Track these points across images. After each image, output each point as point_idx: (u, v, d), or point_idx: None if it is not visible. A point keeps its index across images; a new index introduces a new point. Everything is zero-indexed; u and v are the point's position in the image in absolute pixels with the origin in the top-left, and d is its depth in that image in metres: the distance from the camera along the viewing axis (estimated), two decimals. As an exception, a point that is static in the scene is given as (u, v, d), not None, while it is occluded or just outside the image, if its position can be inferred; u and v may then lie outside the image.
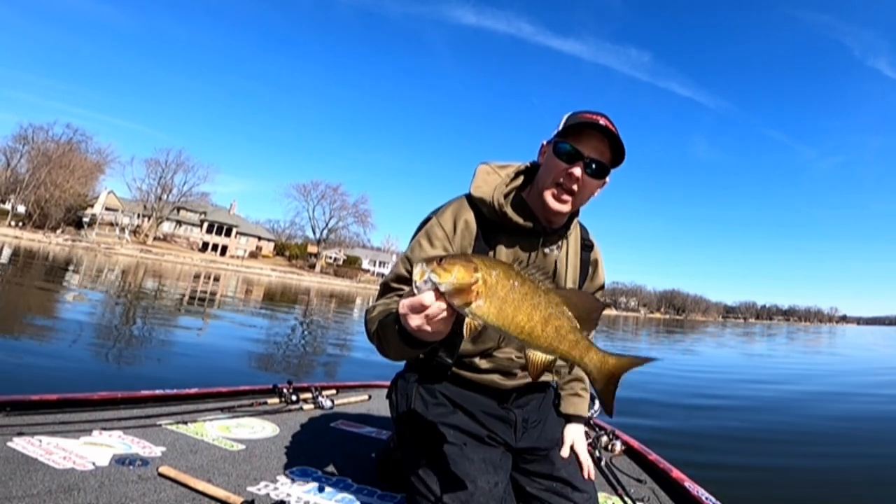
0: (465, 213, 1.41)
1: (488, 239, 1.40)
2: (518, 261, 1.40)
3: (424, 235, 1.40)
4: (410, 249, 1.41)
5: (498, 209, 1.38)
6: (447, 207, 1.44)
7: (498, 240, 1.41)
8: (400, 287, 1.37)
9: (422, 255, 1.35)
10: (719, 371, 9.73)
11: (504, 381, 1.46)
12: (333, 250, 77.42)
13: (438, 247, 1.37)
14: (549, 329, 0.92)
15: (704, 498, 1.83)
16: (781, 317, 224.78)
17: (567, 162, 1.31)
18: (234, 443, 1.91)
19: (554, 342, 0.92)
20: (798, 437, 4.75)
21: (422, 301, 0.93)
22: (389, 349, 1.20)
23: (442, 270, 0.90)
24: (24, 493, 1.31)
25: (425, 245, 1.38)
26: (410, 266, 1.35)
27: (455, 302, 0.91)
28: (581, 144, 1.30)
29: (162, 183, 62.24)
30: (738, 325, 72.24)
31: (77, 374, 4.21)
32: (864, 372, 12.19)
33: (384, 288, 1.40)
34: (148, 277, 20.97)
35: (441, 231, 1.39)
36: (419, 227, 1.46)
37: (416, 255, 1.36)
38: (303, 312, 15.71)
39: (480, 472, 1.33)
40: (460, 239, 1.39)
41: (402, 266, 1.39)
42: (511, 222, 1.39)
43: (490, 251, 1.39)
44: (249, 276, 45.46)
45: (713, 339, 24.04)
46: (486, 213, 1.40)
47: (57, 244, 44.04)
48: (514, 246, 1.41)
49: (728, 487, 3.03)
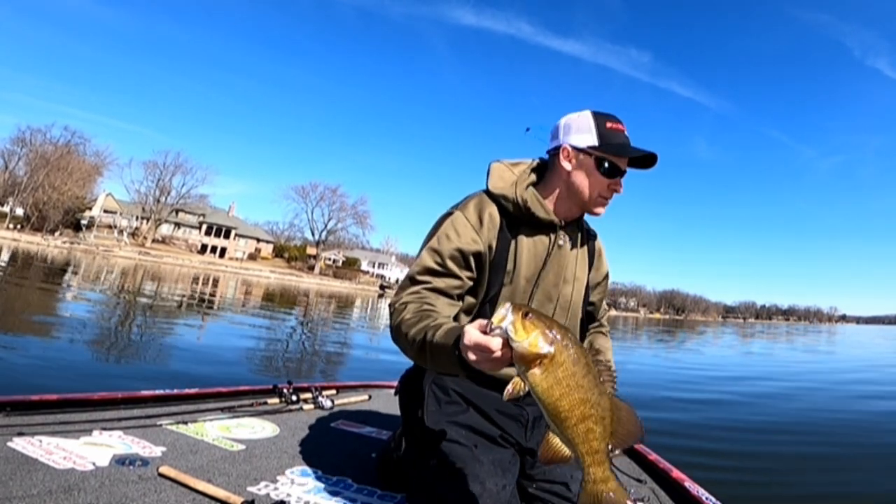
0: (488, 206, 1.43)
1: (511, 231, 1.43)
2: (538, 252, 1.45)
3: (451, 226, 1.40)
4: (437, 240, 1.39)
5: (521, 203, 1.41)
6: (469, 201, 1.46)
7: (519, 232, 1.44)
8: (426, 280, 1.36)
9: (450, 246, 1.37)
10: (716, 369, 9.75)
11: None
12: (332, 252, 77.36)
13: (465, 236, 1.38)
14: (581, 427, 0.90)
15: (704, 498, 1.83)
16: (781, 316, 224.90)
17: (612, 178, 1.40)
18: (235, 443, 1.91)
19: (577, 440, 0.91)
20: (795, 436, 4.76)
21: (489, 345, 0.93)
22: (429, 362, 1.18)
23: (521, 328, 0.90)
24: (24, 493, 1.31)
25: (452, 236, 1.39)
26: (440, 258, 1.36)
27: (517, 360, 0.91)
28: (622, 161, 1.40)
29: (160, 185, 62.25)
30: (737, 325, 72.32)
31: (77, 374, 4.21)
32: (852, 370, 12.20)
33: (410, 280, 1.37)
34: (147, 280, 20.95)
35: (467, 222, 1.40)
36: (441, 220, 1.44)
37: (445, 246, 1.37)
38: (302, 314, 15.70)
39: (489, 474, 1.32)
40: (487, 231, 1.40)
41: (429, 258, 1.37)
42: (533, 216, 1.42)
43: (512, 241, 1.42)
44: (248, 277, 45.43)
45: (713, 339, 24.07)
46: (509, 207, 1.43)
47: (55, 247, 43.98)
48: (534, 238, 1.45)
49: (728, 487, 3.03)
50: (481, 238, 1.39)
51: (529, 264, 1.43)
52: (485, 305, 1.42)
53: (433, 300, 1.34)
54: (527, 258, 1.43)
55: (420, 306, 1.28)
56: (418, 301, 1.31)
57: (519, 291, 1.43)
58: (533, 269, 1.44)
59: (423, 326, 1.19)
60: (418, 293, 1.34)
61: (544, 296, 1.46)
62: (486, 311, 1.41)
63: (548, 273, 1.45)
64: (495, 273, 1.41)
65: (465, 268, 1.38)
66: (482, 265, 1.40)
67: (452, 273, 1.37)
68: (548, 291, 1.47)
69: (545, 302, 1.47)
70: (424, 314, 1.24)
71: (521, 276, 1.42)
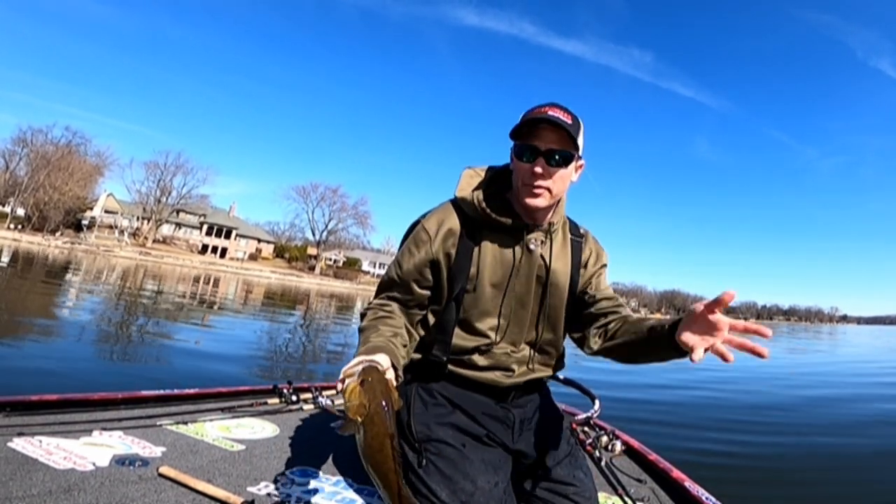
0: (449, 216, 1.45)
1: (473, 238, 1.43)
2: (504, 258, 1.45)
3: (413, 240, 1.47)
4: (401, 253, 1.48)
5: (478, 206, 1.42)
6: (433, 212, 1.48)
7: (482, 239, 1.44)
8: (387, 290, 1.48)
9: (408, 263, 1.44)
10: (716, 369, 9.74)
11: (503, 379, 1.47)
12: (333, 252, 77.36)
13: (422, 250, 1.43)
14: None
15: (705, 498, 1.83)
16: (782, 316, 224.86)
17: (528, 161, 1.35)
18: (234, 443, 1.91)
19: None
20: (796, 435, 4.76)
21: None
22: None
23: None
24: (24, 494, 1.31)
25: (413, 250, 1.45)
26: (399, 274, 1.46)
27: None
28: (537, 139, 1.34)
29: (161, 185, 62.27)
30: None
31: (77, 374, 4.22)
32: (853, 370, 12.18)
33: (378, 288, 1.51)
34: (147, 280, 20.96)
35: (426, 235, 1.44)
36: (407, 232, 1.53)
37: (405, 261, 1.46)
38: (303, 314, 15.70)
39: (480, 471, 1.33)
40: (444, 240, 1.43)
41: (392, 271, 1.48)
42: (493, 220, 1.42)
43: (475, 248, 1.43)
44: (249, 277, 45.44)
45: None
46: (470, 213, 1.44)
47: (56, 247, 44.01)
48: (498, 242, 1.45)
49: (728, 487, 3.03)
50: (439, 249, 1.42)
51: (496, 270, 1.43)
52: (450, 303, 1.45)
53: (391, 308, 1.44)
54: (491, 263, 1.43)
55: (376, 313, 1.41)
56: (378, 308, 1.44)
57: (486, 297, 1.43)
58: (501, 275, 1.43)
59: (364, 337, 1.33)
60: (381, 300, 1.47)
61: (517, 302, 1.46)
62: (451, 308, 1.45)
63: (519, 279, 1.44)
64: (455, 279, 1.43)
65: (421, 279, 1.45)
66: (439, 273, 1.44)
67: (408, 288, 1.46)
68: (521, 297, 1.46)
69: (518, 309, 1.46)
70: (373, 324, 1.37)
71: (486, 281, 1.42)
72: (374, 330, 1.34)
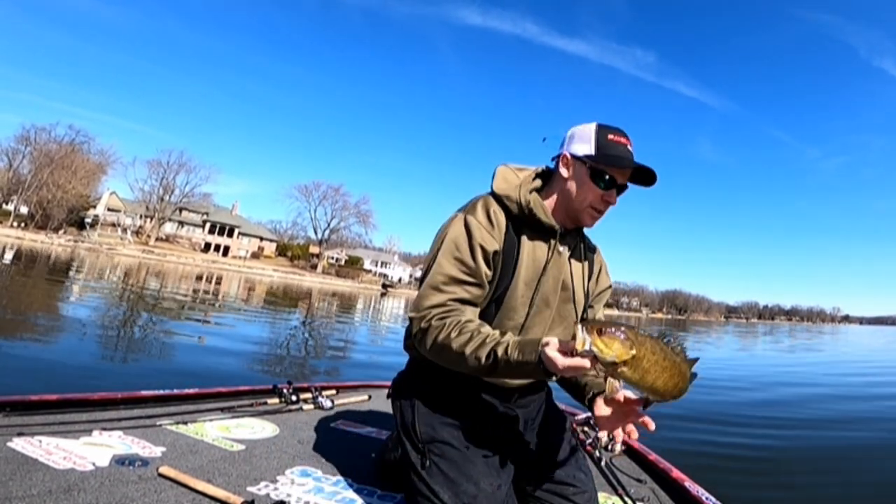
0: (494, 207, 1.43)
1: (515, 233, 1.43)
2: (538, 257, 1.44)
3: (464, 230, 1.38)
4: (455, 245, 1.37)
5: (525, 205, 1.42)
6: (476, 203, 1.44)
7: (521, 235, 1.43)
8: (451, 291, 1.35)
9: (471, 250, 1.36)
10: (716, 369, 9.72)
11: (507, 380, 1.46)
12: (335, 251, 77.44)
13: (482, 237, 1.37)
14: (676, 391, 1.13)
15: (705, 498, 1.83)
16: (784, 317, 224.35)
17: (606, 189, 1.39)
18: (234, 443, 1.91)
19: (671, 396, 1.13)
20: (797, 435, 4.75)
21: (582, 366, 1.06)
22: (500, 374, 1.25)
23: (603, 345, 1.04)
24: (24, 494, 1.31)
25: (473, 238, 1.37)
26: (464, 265, 1.35)
27: (608, 367, 1.06)
28: (617, 173, 1.38)
29: (164, 184, 62.38)
30: (739, 325, 72.13)
31: (77, 374, 4.22)
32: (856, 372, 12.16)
33: (434, 290, 1.35)
34: (150, 278, 21.01)
35: (479, 224, 1.39)
36: (451, 225, 1.42)
37: (465, 250, 1.36)
38: (304, 313, 15.72)
39: (483, 474, 1.33)
40: (497, 230, 1.40)
41: (452, 266, 1.36)
42: (535, 220, 1.42)
43: (517, 244, 1.42)
44: (251, 276, 45.50)
45: (717, 339, 24.03)
46: (513, 208, 1.43)
47: (59, 245, 44.12)
48: (535, 242, 1.44)
49: (728, 487, 3.02)
50: (494, 237, 1.39)
51: (529, 268, 1.42)
52: (490, 305, 1.42)
53: (462, 312, 1.35)
54: (527, 261, 1.42)
55: (457, 321, 1.30)
56: (451, 315, 1.32)
57: (517, 296, 1.41)
58: (532, 274, 1.43)
59: (482, 342, 1.24)
60: (445, 306, 1.34)
61: (542, 302, 1.45)
62: (491, 310, 1.42)
63: (547, 279, 1.44)
64: (503, 274, 1.41)
65: (489, 268, 1.38)
66: (496, 266, 1.40)
67: (478, 279, 1.37)
68: (546, 297, 1.45)
69: (543, 308, 1.45)
70: (470, 329, 1.28)
71: (521, 279, 1.41)
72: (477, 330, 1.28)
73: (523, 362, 1.18)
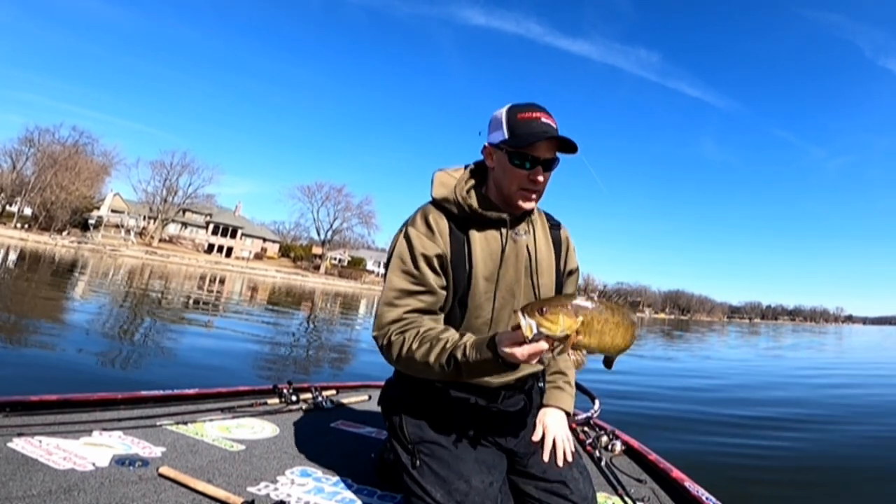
0: (433, 214, 1.45)
1: (463, 232, 1.44)
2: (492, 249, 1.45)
3: (407, 243, 1.42)
4: (401, 259, 1.41)
5: (463, 203, 1.43)
6: (415, 215, 1.48)
7: (469, 232, 1.44)
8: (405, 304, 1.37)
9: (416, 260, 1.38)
10: (718, 367, 9.71)
11: (493, 379, 1.46)
12: (338, 251, 77.49)
13: (424, 246, 1.39)
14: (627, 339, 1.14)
15: (705, 498, 1.82)
16: (787, 317, 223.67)
17: (528, 169, 1.38)
18: (234, 443, 1.91)
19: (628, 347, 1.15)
20: (798, 434, 4.73)
21: (540, 350, 1.09)
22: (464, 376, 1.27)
23: (549, 322, 1.06)
24: (24, 494, 1.32)
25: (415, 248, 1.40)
26: (411, 276, 1.38)
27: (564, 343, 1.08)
28: (535, 150, 1.37)
29: (167, 185, 62.52)
30: (742, 325, 71.88)
31: (77, 374, 4.24)
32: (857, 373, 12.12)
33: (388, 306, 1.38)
34: (153, 279, 21.05)
35: (419, 233, 1.42)
36: (396, 240, 1.47)
37: (409, 262, 1.39)
38: (306, 313, 15.73)
39: (474, 471, 1.34)
40: (438, 237, 1.42)
41: (401, 279, 1.39)
42: (478, 214, 1.43)
43: (466, 244, 1.43)
44: (254, 277, 45.58)
45: (718, 338, 23.97)
46: (453, 210, 1.45)
47: (63, 246, 44.24)
48: (485, 235, 1.45)
49: (728, 487, 3.02)
50: (437, 243, 1.41)
51: (486, 263, 1.43)
52: (455, 308, 1.44)
53: (420, 322, 1.36)
54: (482, 257, 1.43)
55: (416, 332, 1.32)
56: (409, 328, 1.34)
57: (480, 293, 1.42)
58: (491, 268, 1.44)
59: (441, 349, 1.26)
60: (403, 319, 1.37)
61: (507, 293, 1.46)
62: (457, 312, 1.43)
63: (507, 270, 1.45)
64: (458, 275, 1.42)
65: (437, 275, 1.40)
66: (446, 270, 1.42)
67: (427, 286, 1.39)
68: (510, 288, 1.46)
69: (509, 299, 1.46)
70: (430, 338, 1.29)
71: (479, 275, 1.42)
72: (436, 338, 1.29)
73: (482, 360, 1.20)
